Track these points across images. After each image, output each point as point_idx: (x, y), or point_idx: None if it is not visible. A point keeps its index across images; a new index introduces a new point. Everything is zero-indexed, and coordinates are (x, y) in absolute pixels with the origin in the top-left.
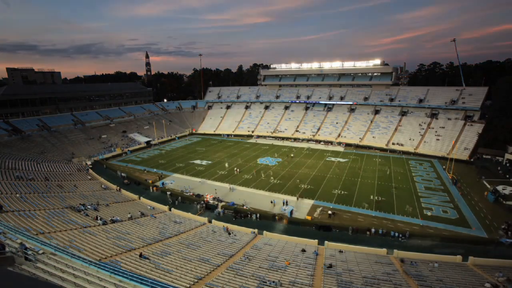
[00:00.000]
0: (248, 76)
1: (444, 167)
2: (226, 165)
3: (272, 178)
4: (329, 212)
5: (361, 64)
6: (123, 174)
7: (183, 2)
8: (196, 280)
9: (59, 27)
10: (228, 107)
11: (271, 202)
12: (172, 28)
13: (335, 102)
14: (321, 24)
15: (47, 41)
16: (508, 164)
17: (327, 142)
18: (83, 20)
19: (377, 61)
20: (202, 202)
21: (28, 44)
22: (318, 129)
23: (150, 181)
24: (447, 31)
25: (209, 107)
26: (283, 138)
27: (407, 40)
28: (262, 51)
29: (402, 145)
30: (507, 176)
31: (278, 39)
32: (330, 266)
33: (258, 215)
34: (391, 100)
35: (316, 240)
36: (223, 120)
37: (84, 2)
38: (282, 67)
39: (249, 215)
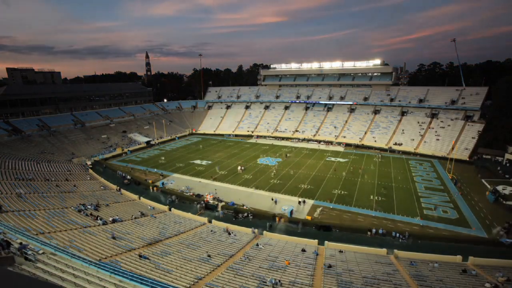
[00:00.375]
0: (248, 76)
1: (449, 167)
2: (217, 168)
3: (272, 177)
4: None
5: (361, 64)
6: (123, 174)
7: (198, 1)
8: (196, 280)
9: (75, 27)
10: (228, 107)
11: (273, 200)
12: (185, 27)
13: (335, 102)
14: (332, 24)
15: (64, 42)
16: (508, 164)
17: (327, 142)
18: (99, 19)
19: (377, 61)
20: (202, 202)
21: (47, 46)
22: (318, 129)
23: (150, 181)
24: (458, 31)
25: (209, 107)
26: (283, 138)
27: (416, 40)
28: (273, 51)
29: (402, 145)
30: (507, 176)
31: (290, 39)
32: (330, 266)
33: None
34: (391, 100)
35: (316, 240)
36: (223, 120)
37: (101, 1)
38: (282, 67)
39: (250, 216)
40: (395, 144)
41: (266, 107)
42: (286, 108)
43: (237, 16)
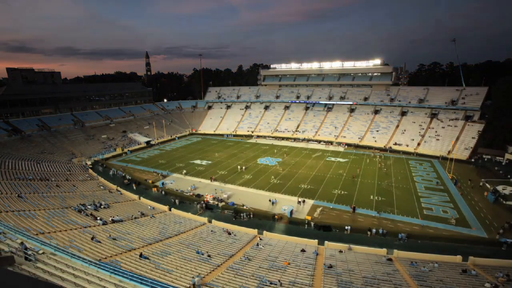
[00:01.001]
0: (248, 76)
1: (449, 167)
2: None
3: (272, 177)
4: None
5: (361, 64)
6: (125, 175)
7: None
8: None
9: (99, 27)
10: (228, 107)
11: (270, 201)
12: (207, 26)
13: (335, 102)
14: (353, 23)
15: (87, 42)
16: (508, 164)
17: (327, 142)
18: (122, 17)
19: (377, 61)
20: (202, 202)
21: (75, 48)
22: (318, 129)
23: (150, 181)
24: (458, 31)
25: (209, 107)
26: (283, 138)
27: (421, 40)
28: (290, 49)
29: (401, 145)
30: (508, 176)
31: (309, 37)
32: (330, 266)
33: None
34: (391, 100)
35: (316, 240)
36: (223, 120)
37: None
38: (282, 67)
39: (245, 217)
40: (395, 144)
41: (266, 107)
42: (286, 108)
43: (262, 15)
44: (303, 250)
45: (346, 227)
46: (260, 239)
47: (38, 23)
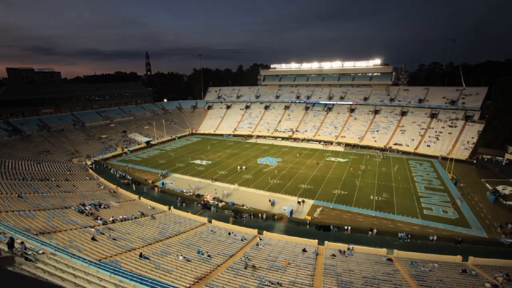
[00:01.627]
0: (248, 76)
1: (449, 167)
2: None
3: (272, 177)
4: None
5: (361, 64)
6: (125, 175)
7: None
8: (196, 280)
9: (121, 25)
10: (228, 107)
11: (270, 201)
12: (227, 24)
13: (335, 102)
14: (357, 24)
15: (111, 42)
16: (508, 164)
17: (327, 142)
18: (144, 15)
19: (377, 61)
20: (202, 202)
21: (100, 50)
22: (318, 129)
23: (150, 181)
24: (458, 30)
25: (209, 107)
26: (283, 138)
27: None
28: (302, 49)
29: (401, 145)
30: (508, 176)
31: (326, 36)
32: (330, 266)
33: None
34: (391, 100)
35: (316, 240)
36: (223, 120)
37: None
38: (282, 67)
39: (243, 218)
40: (395, 144)
41: (266, 107)
42: (286, 108)
43: (282, 12)
44: (303, 250)
45: (346, 227)
46: (260, 239)
47: (40, 22)
